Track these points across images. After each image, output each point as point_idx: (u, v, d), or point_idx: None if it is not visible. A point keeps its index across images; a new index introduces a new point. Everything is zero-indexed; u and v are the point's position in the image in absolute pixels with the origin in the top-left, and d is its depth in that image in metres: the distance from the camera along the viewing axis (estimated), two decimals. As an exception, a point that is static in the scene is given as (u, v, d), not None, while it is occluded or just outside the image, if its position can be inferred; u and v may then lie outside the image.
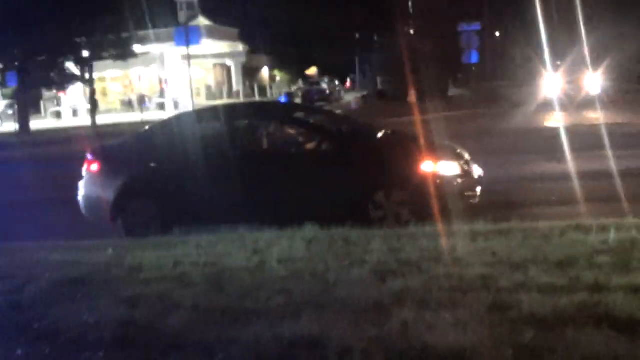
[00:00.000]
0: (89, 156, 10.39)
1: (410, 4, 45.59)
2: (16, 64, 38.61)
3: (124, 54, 40.82)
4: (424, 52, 38.88)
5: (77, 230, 10.40)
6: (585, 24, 33.18)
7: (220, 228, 9.52)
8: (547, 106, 29.93)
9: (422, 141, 10.18)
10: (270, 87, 76.49)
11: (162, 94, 58.55)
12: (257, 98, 69.03)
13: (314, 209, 9.54)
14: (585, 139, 18.09)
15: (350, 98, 52.60)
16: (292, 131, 10.61)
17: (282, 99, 44.94)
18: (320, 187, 9.63)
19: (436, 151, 9.82)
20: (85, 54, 38.41)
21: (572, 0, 34.24)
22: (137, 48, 43.09)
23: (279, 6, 67.96)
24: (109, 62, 42.96)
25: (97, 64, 41.66)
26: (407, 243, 7.60)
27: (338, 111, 27.68)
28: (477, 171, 10.10)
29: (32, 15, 33.99)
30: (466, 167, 9.86)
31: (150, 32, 45.17)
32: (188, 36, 22.91)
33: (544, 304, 5.24)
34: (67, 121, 53.50)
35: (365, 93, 49.13)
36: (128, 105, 62.80)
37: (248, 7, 69.26)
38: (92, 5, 35.55)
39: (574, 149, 15.59)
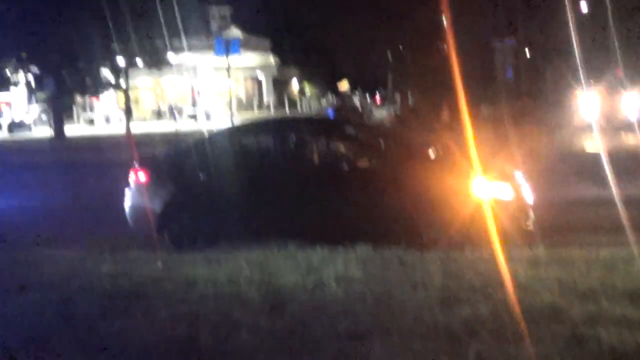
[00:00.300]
0: (136, 165, 10.29)
1: (443, 19, 45.36)
2: (52, 69, 38.92)
3: (158, 62, 41.03)
4: (458, 69, 38.55)
5: (119, 239, 10.32)
6: (622, 44, 32.80)
7: (269, 243, 9.39)
8: (584, 128, 29.53)
9: (475, 158, 9.98)
10: (300, 100, 76.57)
11: (194, 104, 58.74)
12: (287, 111, 69.10)
13: (365, 226, 9.40)
14: (629, 164, 17.76)
15: (381, 113, 52.43)
16: (344, 146, 10.45)
17: (330, 113, 44.72)
18: (372, 204, 9.47)
19: (490, 170, 9.61)
20: (121, 61, 38.62)
21: (609, 19, 33.90)
22: (170, 57, 43.29)
23: (310, 18, 68.03)
24: (141, 70, 43.21)
25: (130, 72, 41.87)
26: (466, 267, 7.42)
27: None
28: (530, 193, 9.89)
29: (70, 21, 34.24)
30: (520, 189, 9.65)
31: (184, 41, 45.30)
32: (229, 46, 22.88)
33: (623, 338, 5.05)
34: (99, 128, 53.80)
35: (397, 110, 48.94)
36: (158, 114, 63.13)
37: (279, 19, 69.41)
38: (128, 13, 35.74)
39: (618, 174, 15.30)
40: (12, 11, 34.51)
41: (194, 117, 54.94)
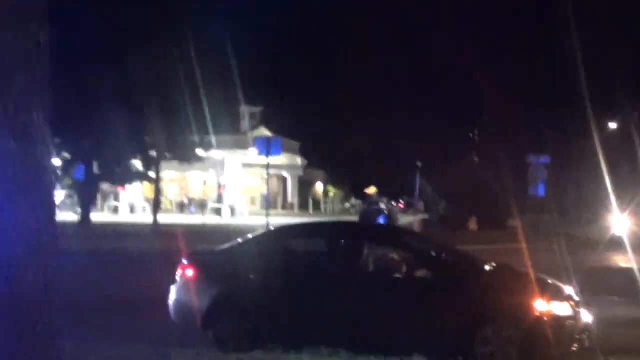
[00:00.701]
0: (184, 261, 10.11)
1: (476, 131, 45.79)
2: (83, 156, 39.33)
3: (188, 156, 41.37)
4: (489, 181, 38.68)
5: (160, 335, 10.05)
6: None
7: (319, 349, 9.09)
8: (615, 245, 29.18)
9: (531, 276, 9.75)
10: (325, 202, 76.78)
11: (219, 199, 58.98)
12: (311, 211, 69.18)
13: (417, 338, 9.13)
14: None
15: (407, 219, 52.24)
16: (398, 256, 10.26)
17: (381, 220, 44.64)
18: (425, 315, 9.21)
19: (547, 288, 9.37)
20: (152, 153, 38.98)
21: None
22: (199, 152, 43.69)
23: (338, 125, 68.96)
24: (167, 162, 43.56)
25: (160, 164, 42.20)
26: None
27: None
28: (585, 313, 9.59)
29: (104, 110, 34.74)
30: (576, 308, 9.38)
31: (212, 137, 45.79)
32: (269, 146, 23.08)
33: None
34: (123, 216, 53.90)
35: (426, 217, 48.87)
36: (181, 206, 63.37)
37: (309, 123, 70.29)
38: (161, 105, 36.25)
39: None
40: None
41: (218, 211, 55.02)
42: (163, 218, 44.13)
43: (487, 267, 9.89)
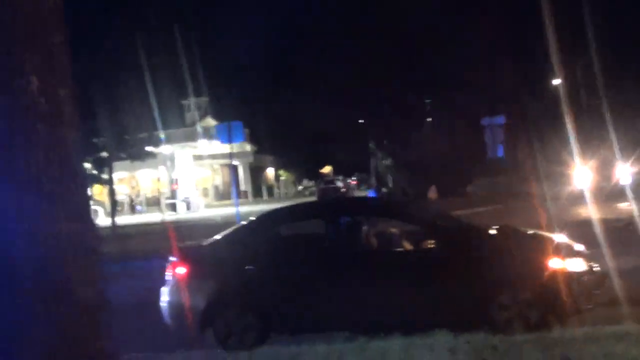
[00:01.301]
0: (174, 258, 9.48)
1: (430, 99, 45.62)
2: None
3: (139, 154, 40.48)
4: (445, 148, 38.56)
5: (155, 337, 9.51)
6: (615, 115, 32.94)
7: (332, 336, 8.60)
8: (578, 199, 29.29)
9: (540, 236, 9.39)
10: (278, 187, 76.23)
11: (174, 194, 58.03)
12: (265, 197, 68.57)
13: (435, 313, 8.68)
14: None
15: (360, 193, 52.05)
16: (400, 229, 9.80)
17: (371, 194, 43.97)
18: (439, 288, 8.75)
19: (558, 246, 9.00)
20: (104, 154, 37.99)
21: (597, 89, 34.17)
22: (148, 149, 42.77)
23: (284, 107, 68.37)
24: (117, 163, 42.60)
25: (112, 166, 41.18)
26: (577, 349, 6.71)
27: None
28: (597, 266, 9.27)
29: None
30: (589, 263, 9.04)
31: (161, 133, 44.93)
32: (231, 132, 22.28)
33: None
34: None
35: (385, 190, 48.64)
36: (132, 207, 62.31)
37: (256, 109, 69.56)
38: (109, 106, 35.38)
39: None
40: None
41: (173, 206, 54.11)
42: (118, 220, 43.12)
43: (492, 232, 9.49)
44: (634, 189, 29.30)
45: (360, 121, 60.96)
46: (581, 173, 33.01)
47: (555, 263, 8.63)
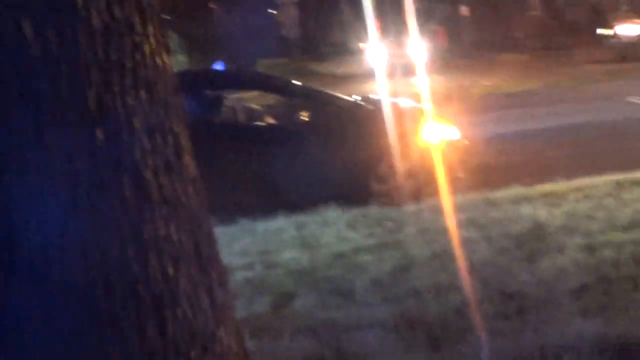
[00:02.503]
0: None
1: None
2: None
3: None
4: (234, 28, 37.81)
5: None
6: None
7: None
8: (370, 76, 29.85)
9: (413, 104, 9.39)
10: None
11: None
12: None
13: (307, 188, 8.48)
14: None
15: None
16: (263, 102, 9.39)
17: (218, 67, 41.38)
18: (313, 163, 8.54)
19: (427, 115, 9.03)
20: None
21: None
22: None
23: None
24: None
25: None
26: (480, 214, 6.80)
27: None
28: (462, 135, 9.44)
29: None
30: (458, 131, 9.19)
31: None
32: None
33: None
34: None
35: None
36: None
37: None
38: None
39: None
40: None
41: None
42: None
43: (362, 102, 9.33)
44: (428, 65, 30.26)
45: None
46: (375, 49, 33.55)
47: (428, 132, 8.67)
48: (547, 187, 7.79)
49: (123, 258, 2.05)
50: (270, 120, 9.26)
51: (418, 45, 32.84)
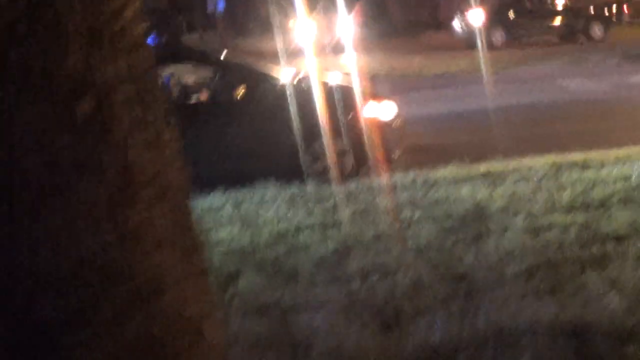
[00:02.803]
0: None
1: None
2: None
3: None
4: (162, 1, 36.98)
5: None
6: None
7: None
8: (299, 53, 29.69)
9: (357, 81, 9.22)
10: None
11: None
12: None
13: (243, 164, 8.31)
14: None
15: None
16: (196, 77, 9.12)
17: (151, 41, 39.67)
18: (243, 140, 8.36)
19: (367, 92, 8.89)
20: None
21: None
22: None
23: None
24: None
25: None
26: (450, 190, 6.73)
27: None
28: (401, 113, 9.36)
29: None
30: (397, 110, 9.10)
31: None
32: None
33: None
34: None
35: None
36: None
37: None
38: None
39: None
40: None
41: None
42: None
43: (306, 79, 9.14)
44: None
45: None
46: (303, 27, 33.32)
47: (367, 110, 8.56)
48: (485, 166, 7.77)
49: (98, 244, 1.84)
50: (202, 97, 9.02)
51: (346, 23, 32.76)
